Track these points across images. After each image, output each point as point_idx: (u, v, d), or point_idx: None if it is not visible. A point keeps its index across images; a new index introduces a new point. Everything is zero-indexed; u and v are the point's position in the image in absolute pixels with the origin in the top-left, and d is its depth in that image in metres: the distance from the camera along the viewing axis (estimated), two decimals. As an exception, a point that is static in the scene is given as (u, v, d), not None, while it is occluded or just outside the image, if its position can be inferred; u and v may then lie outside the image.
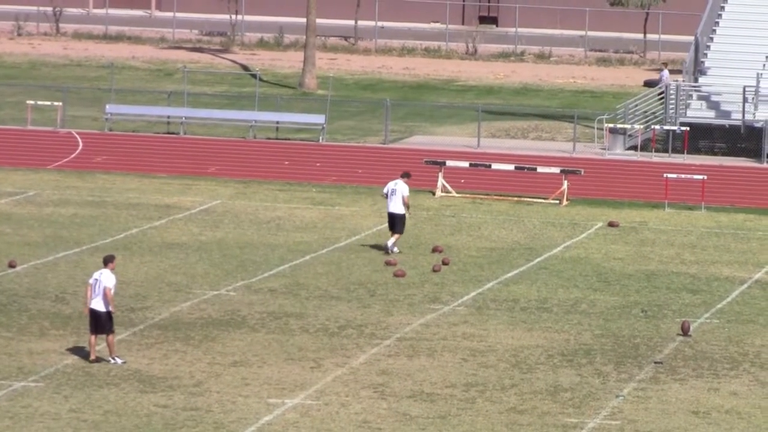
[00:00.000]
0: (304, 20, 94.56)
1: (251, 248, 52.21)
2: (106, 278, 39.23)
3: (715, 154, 71.85)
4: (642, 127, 75.86)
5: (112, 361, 38.60)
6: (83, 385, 37.68)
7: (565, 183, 61.51)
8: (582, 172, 62.73)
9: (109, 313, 38.73)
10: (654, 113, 77.85)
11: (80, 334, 41.88)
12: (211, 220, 56.24)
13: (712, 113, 75.93)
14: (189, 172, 64.52)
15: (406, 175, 53.57)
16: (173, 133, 75.99)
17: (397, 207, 43.48)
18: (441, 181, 62.00)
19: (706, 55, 78.91)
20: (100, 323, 38.51)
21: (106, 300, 38.67)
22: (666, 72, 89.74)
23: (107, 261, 39.66)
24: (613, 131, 75.06)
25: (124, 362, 39.07)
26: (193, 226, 55.53)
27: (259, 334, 42.72)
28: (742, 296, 47.69)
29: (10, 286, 47.25)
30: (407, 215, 46.90)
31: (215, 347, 41.33)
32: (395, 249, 48.81)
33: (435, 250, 49.96)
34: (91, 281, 38.90)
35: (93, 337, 38.77)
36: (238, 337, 42.17)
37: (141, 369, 38.67)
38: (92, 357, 39.12)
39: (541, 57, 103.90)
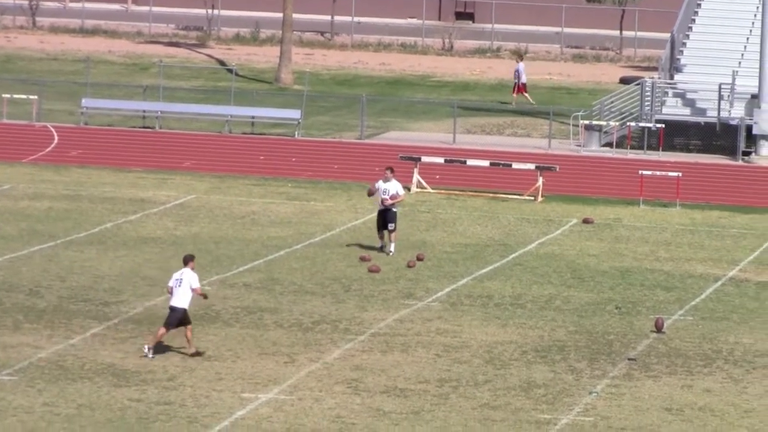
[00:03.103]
0: (280, 15, 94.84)
1: (226, 243, 52.44)
2: (190, 277, 40.46)
3: (690, 151, 72.39)
4: (617, 124, 76.27)
5: (191, 350, 40.56)
6: (57, 378, 37.72)
7: (540, 179, 61.76)
8: (557, 169, 63.03)
9: (186, 310, 39.78)
10: (630, 110, 77.50)
11: (54, 327, 42.49)
12: (186, 215, 56.42)
13: (687, 110, 76.49)
14: (164, 166, 64.72)
15: (391, 170, 53.99)
16: (149, 128, 76.33)
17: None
18: (416, 176, 62.27)
19: (682, 52, 79.79)
20: (182, 318, 39.82)
21: (186, 298, 40.08)
22: (521, 65, 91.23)
23: (187, 260, 40.73)
24: (588, 128, 75.42)
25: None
26: (168, 221, 55.73)
27: (234, 328, 42.92)
28: (716, 293, 48.00)
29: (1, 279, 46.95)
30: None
31: (191, 341, 41.07)
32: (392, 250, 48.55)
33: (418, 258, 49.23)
34: (171, 283, 40.03)
35: (165, 330, 40.10)
36: (212, 332, 42.34)
37: (115, 363, 38.77)
38: (192, 350, 41.04)
39: (518, 53, 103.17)
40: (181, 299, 38.66)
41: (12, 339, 40.65)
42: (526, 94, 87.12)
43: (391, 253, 52.70)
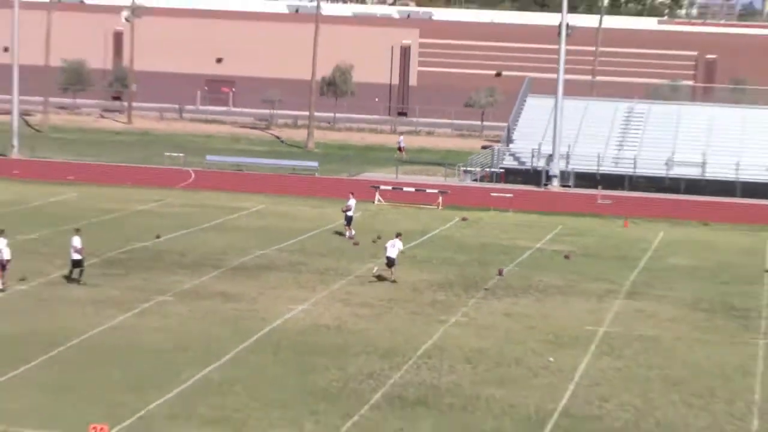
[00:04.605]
0: (308, 113, 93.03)
1: (280, 230, 53.17)
2: (398, 244, 41.73)
3: (518, 183, 70.59)
4: (480, 169, 75.54)
5: (392, 278, 41.29)
6: (193, 298, 38.46)
7: (441, 198, 61.95)
8: (449, 192, 63.21)
9: (394, 258, 41.45)
10: (487, 162, 77.34)
11: (192, 272, 42.66)
12: (260, 216, 56.71)
13: (516, 162, 75.71)
14: (249, 190, 64.68)
15: (352, 193, 53.58)
16: (240, 170, 75.51)
17: (392, 253, 40.94)
18: (377, 196, 62.55)
19: (514, 131, 77.90)
20: (390, 263, 41.17)
21: (394, 252, 41.13)
22: (402, 137, 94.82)
23: (397, 234, 42.32)
24: (465, 171, 75.16)
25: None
26: (250, 219, 56.13)
27: (283, 273, 43.97)
28: (531, 256, 50.41)
29: (165, 247, 47.75)
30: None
31: (262, 279, 42.38)
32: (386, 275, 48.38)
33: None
34: (388, 244, 41.59)
35: (387, 268, 41.33)
36: (272, 275, 43.50)
37: (225, 290, 40.18)
38: (393, 278, 41.48)
39: (430, 133, 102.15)
40: (391, 252, 41.29)
41: (170, 278, 41.86)
42: (403, 153, 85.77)
43: (351, 234, 51.45)
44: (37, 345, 30.88)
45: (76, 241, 38.95)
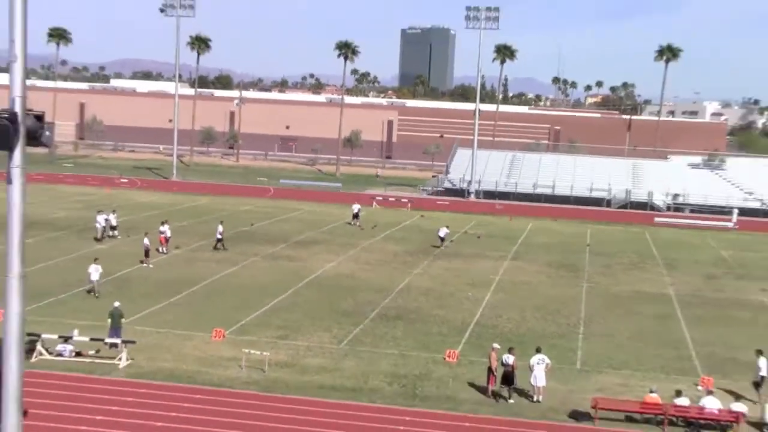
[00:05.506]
0: (335, 156, 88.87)
1: (317, 222, 50.13)
2: (445, 230, 41.46)
3: (452, 196, 68.40)
4: (431, 188, 72.47)
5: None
6: (270, 261, 37.34)
7: (409, 203, 61.06)
8: (413, 201, 60.97)
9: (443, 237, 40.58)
10: (435, 184, 73.74)
11: (276, 245, 40.65)
12: (308, 213, 53.92)
13: (451, 185, 70.88)
14: (303, 199, 61.68)
15: (358, 203, 51.11)
16: (298, 188, 72.70)
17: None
18: (374, 203, 60.97)
19: (450, 167, 75.22)
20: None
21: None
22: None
23: (445, 225, 41.15)
24: (423, 189, 71.30)
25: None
26: (302, 215, 53.35)
27: (321, 245, 41.33)
28: (458, 237, 47.09)
29: (256, 230, 44.38)
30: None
31: (309, 249, 40.25)
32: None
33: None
34: (441, 231, 41.01)
35: None
36: (316, 247, 41.03)
37: (290, 254, 39.04)
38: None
39: (403, 168, 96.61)
40: (441, 231, 39.90)
41: (258, 247, 39.17)
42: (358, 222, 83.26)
43: (358, 224, 48.68)
44: (184, 284, 30.71)
45: (220, 227, 38.84)
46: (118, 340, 21.79)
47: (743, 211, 61.07)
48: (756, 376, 20.02)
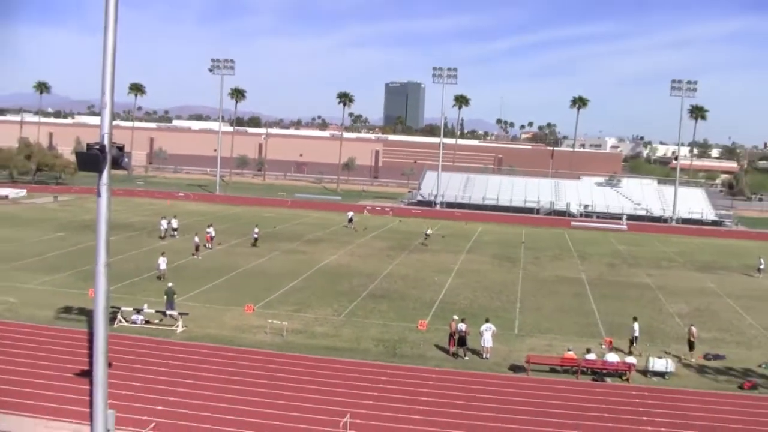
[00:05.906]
0: (336, 176, 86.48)
1: (323, 225, 48.07)
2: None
3: (422, 206, 63.56)
4: (407, 200, 68.37)
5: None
6: (285, 254, 36.02)
7: (391, 211, 58.49)
8: (394, 209, 59.23)
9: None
10: (410, 197, 71.00)
11: (293, 242, 38.89)
12: (316, 219, 51.30)
13: (422, 197, 65.93)
14: (312, 208, 58.09)
15: (352, 212, 49.09)
16: (309, 200, 71.16)
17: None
18: (365, 211, 59.27)
19: (421, 184, 70.25)
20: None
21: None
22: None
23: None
24: (401, 201, 68.59)
25: None
26: (312, 220, 50.55)
27: (326, 242, 39.86)
28: (426, 239, 43.43)
29: (278, 231, 42.38)
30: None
31: (318, 245, 38.60)
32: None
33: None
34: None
35: None
36: (326, 240, 40.02)
37: (303, 249, 37.28)
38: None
39: (387, 185, 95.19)
40: (428, 231, 38.20)
41: (279, 244, 37.69)
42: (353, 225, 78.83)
43: (353, 227, 46.22)
44: (223, 271, 30.30)
45: (256, 229, 38.22)
46: (174, 312, 22.24)
47: (633, 218, 62.60)
48: (631, 335, 21.44)
